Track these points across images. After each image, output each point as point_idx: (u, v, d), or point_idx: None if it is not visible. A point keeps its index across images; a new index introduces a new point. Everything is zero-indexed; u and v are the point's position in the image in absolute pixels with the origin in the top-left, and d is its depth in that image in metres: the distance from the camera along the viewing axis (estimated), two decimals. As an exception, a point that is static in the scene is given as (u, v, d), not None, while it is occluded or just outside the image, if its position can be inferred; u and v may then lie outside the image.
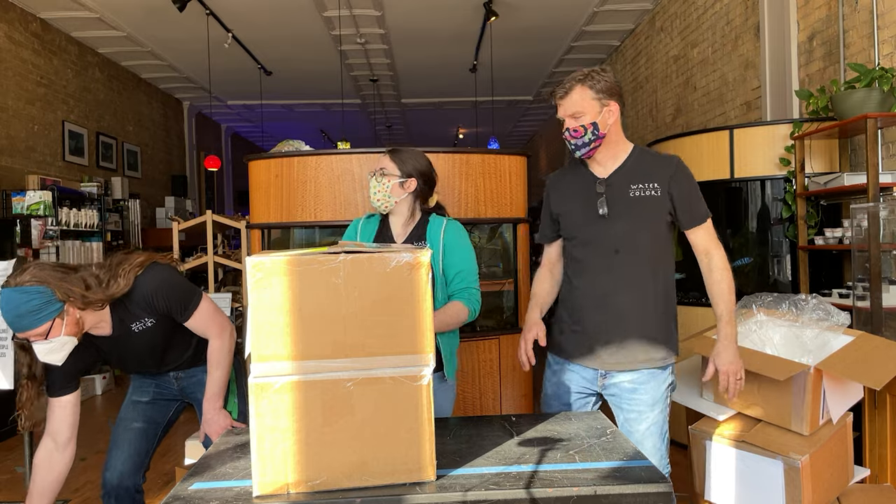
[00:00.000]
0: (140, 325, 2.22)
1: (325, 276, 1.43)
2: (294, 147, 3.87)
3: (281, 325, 1.42)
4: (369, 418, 1.44)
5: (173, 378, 2.50)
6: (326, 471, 1.43)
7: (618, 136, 2.14)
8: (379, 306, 1.45)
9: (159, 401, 2.52)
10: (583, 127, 2.06)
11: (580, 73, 2.09)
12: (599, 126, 2.06)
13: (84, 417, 5.91)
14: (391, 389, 1.45)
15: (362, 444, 1.44)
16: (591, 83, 2.06)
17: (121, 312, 2.19)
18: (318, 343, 1.43)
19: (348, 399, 1.44)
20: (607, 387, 2.17)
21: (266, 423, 1.41)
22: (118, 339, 2.23)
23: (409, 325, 1.46)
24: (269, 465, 1.41)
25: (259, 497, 1.41)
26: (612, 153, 2.14)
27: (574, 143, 2.09)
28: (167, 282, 2.23)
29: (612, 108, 2.07)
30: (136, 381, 2.53)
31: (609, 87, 2.07)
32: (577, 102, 2.06)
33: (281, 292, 1.42)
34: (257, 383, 1.42)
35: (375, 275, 1.44)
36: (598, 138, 2.07)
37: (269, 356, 1.42)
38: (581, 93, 2.06)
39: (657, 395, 2.12)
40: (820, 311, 2.41)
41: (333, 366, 1.44)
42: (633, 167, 2.13)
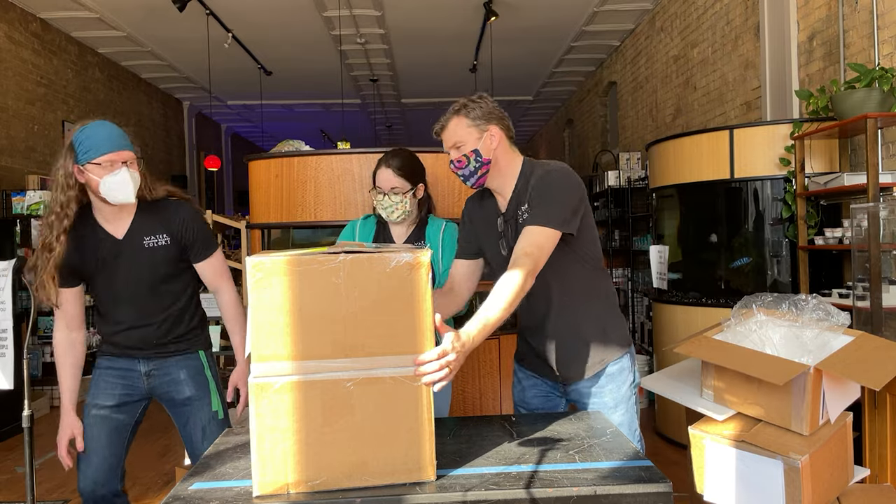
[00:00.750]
0: (152, 242, 2.26)
1: (326, 276, 1.43)
2: (294, 147, 3.86)
3: (281, 325, 1.42)
4: (369, 418, 1.44)
5: (143, 375, 2.37)
6: (326, 471, 1.43)
7: (507, 158, 2.07)
8: (379, 306, 1.45)
9: (127, 403, 2.37)
10: (465, 156, 2.02)
11: (455, 104, 2.08)
12: (482, 152, 2.02)
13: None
14: (391, 389, 1.45)
15: (362, 444, 1.44)
16: (466, 111, 2.04)
17: (141, 222, 2.27)
18: (318, 343, 1.43)
19: (348, 399, 1.43)
20: (569, 392, 2.19)
21: (266, 423, 1.41)
22: (123, 248, 2.25)
23: (410, 325, 1.46)
24: (269, 464, 1.41)
25: (259, 497, 1.41)
26: (503, 180, 2.08)
27: (461, 173, 2.05)
28: (201, 219, 2.37)
29: (492, 132, 2.03)
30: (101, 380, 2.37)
31: (485, 112, 2.04)
32: (455, 133, 2.04)
33: (281, 292, 1.42)
34: (257, 383, 1.41)
35: (376, 275, 1.44)
36: (482, 164, 2.02)
37: (269, 356, 1.42)
38: (457, 123, 2.04)
39: (618, 395, 2.12)
40: (820, 311, 2.41)
41: (333, 366, 1.43)
42: (521, 189, 2.06)
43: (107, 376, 2.37)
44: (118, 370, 2.38)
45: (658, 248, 4.64)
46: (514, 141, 2.11)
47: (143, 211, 2.28)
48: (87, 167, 2.15)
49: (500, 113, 2.07)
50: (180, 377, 2.40)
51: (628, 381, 2.17)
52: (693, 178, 4.27)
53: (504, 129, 2.06)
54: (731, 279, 4.23)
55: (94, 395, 2.36)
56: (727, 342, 2.44)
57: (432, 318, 1.48)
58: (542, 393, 2.23)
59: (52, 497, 3.78)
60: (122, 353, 2.38)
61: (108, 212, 2.24)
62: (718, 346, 2.43)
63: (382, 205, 2.49)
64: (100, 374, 2.38)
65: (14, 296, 2.45)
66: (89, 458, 2.32)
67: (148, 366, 2.38)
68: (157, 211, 2.29)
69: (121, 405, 2.36)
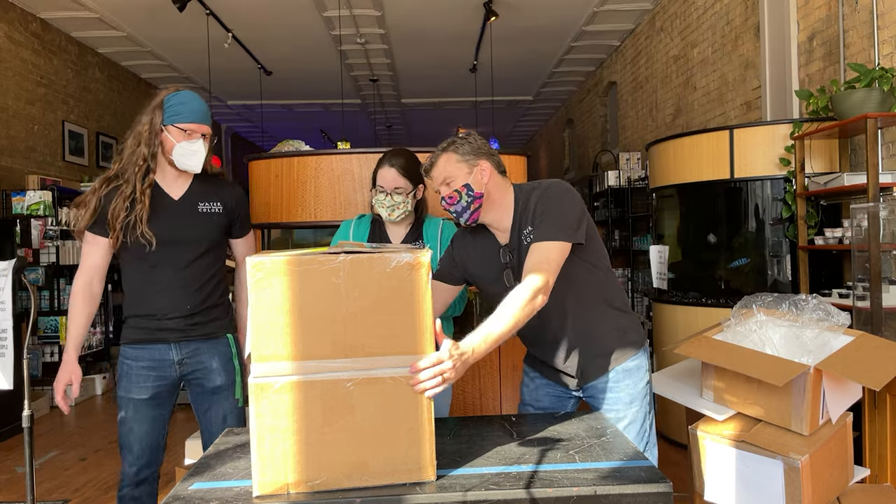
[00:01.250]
0: (206, 207, 2.39)
1: (326, 276, 1.43)
2: (294, 147, 3.87)
3: (281, 325, 1.42)
4: (369, 418, 1.44)
5: (176, 364, 2.38)
6: (326, 471, 1.43)
7: (500, 192, 2.06)
8: (379, 306, 1.45)
9: (160, 394, 2.39)
10: (457, 192, 2.01)
11: (442, 143, 2.07)
12: (473, 186, 2.01)
13: (84, 417, 5.93)
14: (391, 389, 1.45)
15: (362, 444, 1.44)
16: (455, 148, 2.03)
17: (197, 188, 2.40)
18: (318, 343, 1.43)
19: (348, 399, 1.43)
20: (585, 389, 2.17)
21: (266, 423, 1.41)
22: (177, 208, 2.36)
23: (410, 325, 1.46)
24: (269, 465, 1.41)
25: (259, 497, 1.41)
26: (498, 213, 2.07)
27: (453, 210, 2.04)
28: (247, 199, 2.58)
29: (482, 167, 2.02)
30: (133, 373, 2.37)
31: (474, 148, 2.03)
32: (445, 169, 2.03)
33: (281, 292, 1.42)
34: (257, 383, 1.41)
35: (376, 275, 1.44)
36: (475, 199, 2.02)
37: (269, 356, 1.42)
38: (447, 159, 2.03)
39: (634, 392, 2.12)
40: (820, 311, 2.41)
41: (333, 366, 1.43)
42: (520, 218, 2.05)
43: (137, 370, 2.36)
44: (148, 362, 2.36)
45: (658, 248, 4.64)
46: (504, 174, 2.09)
47: (199, 180, 2.41)
48: (168, 128, 2.28)
49: (489, 149, 2.07)
50: (212, 365, 2.43)
51: (645, 378, 2.16)
52: (693, 178, 4.27)
53: (494, 164, 2.05)
54: (731, 279, 4.23)
55: (126, 389, 2.37)
56: (727, 342, 2.44)
57: (432, 318, 1.48)
58: (556, 393, 2.22)
59: (52, 497, 3.78)
60: (152, 338, 2.36)
61: (169, 174, 2.36)
62: (718, 346, 2.43)
63: (384, 204, 2.48)
64: (129, 367, 2.37)
65: (14, 296, 2.45)
66: (131, 446, 2.35)
67: (181, 353, 2.39)
68: (212, 183, 2.45)
69: (155, 396, 2.38)
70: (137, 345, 2.37)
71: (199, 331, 2.40)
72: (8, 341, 2.72)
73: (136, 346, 2.37)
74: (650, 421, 2.18)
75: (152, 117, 2.30)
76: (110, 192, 2.32)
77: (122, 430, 2.38)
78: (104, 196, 2.31)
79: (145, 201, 2.28)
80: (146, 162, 2.30)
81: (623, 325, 2.15)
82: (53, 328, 6.05)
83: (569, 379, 2.17)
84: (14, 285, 2.44)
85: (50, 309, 6.13)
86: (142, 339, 2.37)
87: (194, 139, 2.29)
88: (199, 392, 2.45)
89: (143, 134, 2.30)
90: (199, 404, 2.47)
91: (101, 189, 2.32)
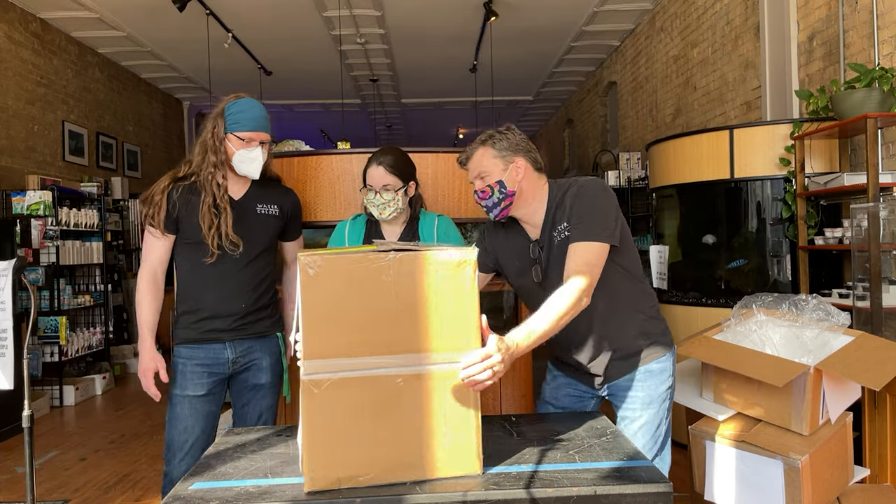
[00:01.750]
0: (264, 209, 2.49)
1: (376, 273, 1.46)
2: (294, 147, 3.87)
3: (332, 323, 1.44)
4: (418, 413, 1.47)
5: (230, 363, 2.44)
6: (376, 465, 1.46)
7: (533, 188, 2.06)
8: (428, 303, 1.48)
9: (214, 392, 2.44)
10: (489, 187, 2.02)
11: (482, 135, 2.07)
12: (506, 183, 2.01)
13: (84, 417, 5.92)
14: (440, 385, 1.48)
15: (412, 439, 1.47)
16: (492, 143, 2.03)
17: (256, 190, 2.49)
18: (368, 340, 1.46)
19: (398, 395, 1.46)
20: (608, 387, 2.17)
21: (317, 420, 1.43)
22: (238, 208, 2.44)
23: (457, 322, 1.49)
24: (321, 460, 1.43)
25: (310, 493, 1.42)
26: (530, 209, 2.07)
27: (485, 204, 2.05)
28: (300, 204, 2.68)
29: (518, 164, 2.02)
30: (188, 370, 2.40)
31: (512, 144, 2.03)
32: (480, 163, 2.03)
33: (332, 290, 1.44)
34: (309, 380, 1.43)
35: (424, 272, 1.48)
36: (506, 196, 2.02)
37: (321, 353, 1.44)
38: (483, 153, 2.03)
39: (654, 394, 2.10)
40: (820, 311, 2.41)
41: (383, 362, 1.46)
42: (553, 214, 2.05)
43: (192, 366, 2.41)
44: (203, 359, 2.42)
45: (658, 248, 4.64)
46: (541, 171, 2.09)
47: (259, 183, 2.50)
48: (229, 136, 2.38)
49: (527, 145, 2.06)
50: (263, 364, 2.50)
51: (667, 383, 2.13)
52: (693, 178, 4.27)
53: (531, 161, 2.05)
54: (731, 279, 4.23)
55: (182, 387, 2.41)
56: (727, 342, 2.44)
57: (478, 315, 1.51)
58: (576, 393, 2.21)
59: (52, 497, 3.78)
60: (205, 338, 2.42)
61: (231, 177, 2.45)
62: (718, 346, 2.43)
63: (374, 203, 2.49)
64: (184, 365, 2.42)
65: (14, 296, 2.45)
66: (183, 445, 2.38)
67: (235, 352, 2.45)
68: (271, 187, 2.55)
69: (209, 394, 2.43)
70: (192, 344, 2.43)
71: (251, 329, 2.47)
72: (8, 341, 2.72)
73: (191, 345, 2.43)
74: (666, 427, 2.14)
75: (215, 125, 2.40)
76: (181, 192, 2.40)
77: (176, 429, 2.40)
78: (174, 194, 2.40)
79: (227, 209, 2.38)
80: (217, 169, 2.39)
81: (651, 329, 2.13)
82: (53, 328, 6.05)
83: (593, 378, 2.16)
84: (14, 285, 2.45)
85: (50, 309, 6.13)
86: (196, 338, 2.42)
87: (252, 147, 2.38)
88: (241, 387, 2.51)
89: (208, 142, 2.40)
90: (238, 398, 2.52)
91: (169, 187, 2.41)
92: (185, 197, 2.40)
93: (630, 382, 2.11)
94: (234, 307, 2.42)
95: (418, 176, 2.66)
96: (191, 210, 2.39)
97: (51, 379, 6.03)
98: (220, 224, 2.37)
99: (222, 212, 2.38)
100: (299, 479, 1.50)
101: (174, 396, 2.41)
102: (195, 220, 2.37)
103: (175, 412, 2.40)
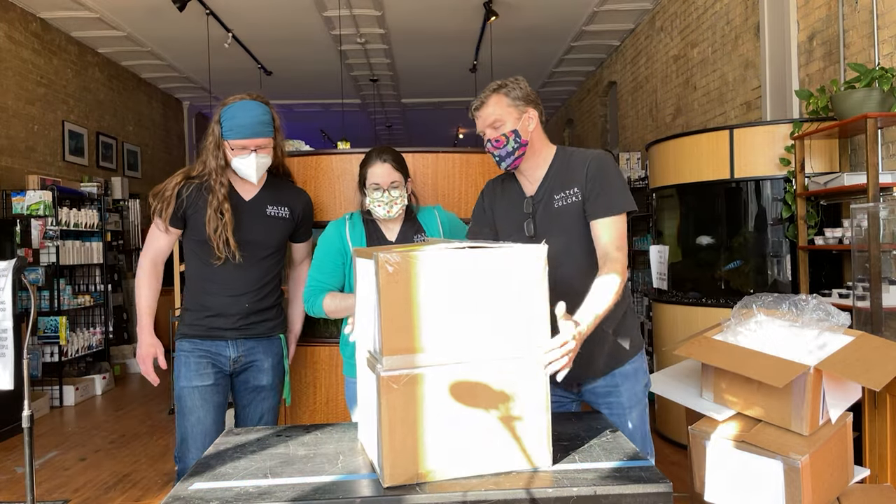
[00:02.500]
0: (274, 211, 2.50)
1: (452, 270, 1.48)
2: (294, 147, 3.87)
3: (410, 320, 1.46)
4: (494, 407, 1.50)
5: (231, 361, 2.45)
6: (454, 459, 1.48)
7: (541, 142, 2.09)
8: (501, 299, 1.51)
9: (220, 383, 2.45)
10: (504, 136, 2.02)
11: (493, 84, 2.07)
12: (521, 133, 2.03)
13: (84, 417, 5.92)
14: (514, 379, 1.51)
15: (488, 433, 1.50)
16: (506, 91, 2.03)
17: (268, 192, 2.50)
18: (445, 336, 1.48)
19: (473, 389, 1.49)
20: (583, 393, 2.16)
21: (396, 415, 1.45)
22: (247, 209, 2.46)
23: (531, 316, 1.53)
24: (400, 455, 1.45)
25: (389, 488, 1.44)
26: (535, 162, 2.09)
27: (497, 154, 2.05)
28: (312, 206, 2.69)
29: (530, 114, 2.04)
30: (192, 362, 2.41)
31: (525, 94, 2.04)
32: (495, 111, 2.03)
33: (410, 287, 1.46)
34: (388, 375, 1.45)
35: (498, 269, 1.51)
36: (520, 146, 2.03)
37: (399, 349, 1.46)
38: (497, 101, 2.03)
39: (633, 397, 2.12)
40: (820, 311, 2.41)
41: (460, 358, 1.48)
42: (557, 174, 2.07)
43: (196, 358, 2.43)
44: (205, 352, 2.44)
45: (658, 248, 4.64)
46: (545, 126, 2.13)
47: (271, 184, 2.52)
48: (225, 143, 2.40)
49: (536, 97, 2.09)
50: (265, 365, 2.50)
51: (642, 381, 2.16)
52: (693, 178, 4.27)
53: (540, 113, 2.08)
54: (731, 279, 4.23)
55: (188, 378, 2.41)
56: (727, 342, 2.44)
57: (548, 307, 1.54)
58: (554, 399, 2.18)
59: (52, 497, 3.78)
60: (208, 334, 2.44)
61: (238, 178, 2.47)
62: (718, 346, 2.43)
63: (382, 201, 2.43)
64: (187, 357, 2.43)
65: (14, 296, 2.45)
66: (196, 438, 2.39)
67: (237, 350, 2.46)
68: (282, 188, 2.56)
69: (216, 384, 2.44)
70: (195, 339, 2.45)
71: (254, 330, 2.48)
72: (8, 341, 2.72)
73: (193, 340, 2.45)
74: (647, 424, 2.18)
75: (214, 131, 2.41)
76: (191, 190, 2.42)
77: (189, 421, 2.39)
78: (184, 191, 2.42)
79: (227, 214, 2.38)
80: (218, 175, 2.40)
81: (625, 324, 2.13)
82: (53, 328, 6.05)
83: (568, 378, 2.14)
84: (14, 285, 2.44)
85: (50, 309, 6.13)
86: (199, 335, 2.44)
87: (245, 154, 2.38)
88: (242, 388, 2.52)
89: (209, 148, 2.41)
90: (240, 399, 2.53)
91: (181, 184, 2.43)
92: (196, 195, 2.42)
93: (606, 388, 2.11)
94: (238, 307, 2.43)
95: (418, 176, 2.66)
96: (199, 209, 2.41)
97: (51, 379, 6.03)
98: (224, 230, 2.38)
99: (225, 214, 2.38)
100: (299, 480, 1.50)
101: (182, 389, 2.41)
102: (203, 220, 2.39)
103: (185, 404, 2.40)
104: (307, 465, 1.59)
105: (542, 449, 1.53)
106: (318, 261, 2.49)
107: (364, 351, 1.69)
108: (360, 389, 1.73)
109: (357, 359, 1.77)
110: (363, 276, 1.68)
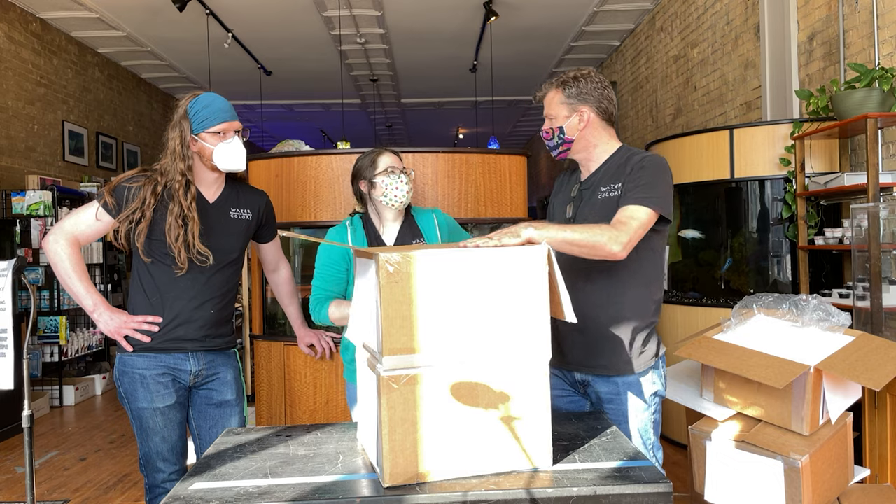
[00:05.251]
0: (237, 214, 2.41)
1: (453, 270, 1.48)
2: (294, 147, 3.87)
3: (411, 319, 1.46)
4: (493, 407, 1.50)
5: (192, 375, 2.32)
6: (454, 459, 1.48)
7: (596, 138, 2.08)
8: (503, 299, 1.51)
9: (181, 401, 2.33)
10: (551, 129, 2.09)
11: (561, 76, 2.09)
12: (566, 131, 2.05)
13: (84, 417, 5.91)
14: (514, 380, 1.52)
15: (487, 433, 1.50)
16: (563, 87, 2.06)
17: (229, 193, 2.42)
18: (445, 336, 1.48)
19: (474, 389, 1.49)
20: (589, 395, 2.14)
21: (397, 415, 1.45)
22: (211, 211, 2.36)
23: (532, 318, 1.53)
24: (400, 455, 1.45)
25: (389, 488, 1.44)
26: (588, 155, 2.11)
27: (547, 143, 2.14)
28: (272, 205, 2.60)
29: (582, 113, 2.04)
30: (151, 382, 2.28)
31: (580, 92, 2.04)
32: (549, 105, 2.10)
33: (411, 287, 1.46)
34: (388, 375, 1.45)
35: (500, 269, 1.51)
36: (564, 142, 2.07)
37: (400, 349, 1.46)
38: (552, 96, 2.09)
39: (636, 406, 2.07)
40: (820, 311, 2.41)
41: (460, 358, 1.49)
42: (609, 170, 2.07)
43: (154, 378, 2.27)
44: (164, 367, 2.29)
45: (658, 248, 4.64)
46: (610, 122, 2.11)
47: (230, 185, 2.44)
48: (201, 136, 2.27)
49: (599, 94, 2.06)
50: (227, 378, 2.40)
51: (650, 390, 2.10)
52: (693, 178, 4.28)
53: (599, 111, 2.07)
54: (731, 279, 4.23)
55: (147, 400, 2.27)
56: (727, 343, 2.44)
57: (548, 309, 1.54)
58: (565, 393, 2.17)
59: (52, 497, 3.78)
60: (167, 347, 2.28)
61: (205, 180, 2.36)
62: (719, 347, 2.43)
63: (395, 185, 2.40)
64: (142, 376, 2.27)
65: (14, 296, 2.44)
66: (165, 457, 2.31)
67: (198, 364, 2.33)
68: (242, 189, 2.47)
69: (177, 403, 2.32)
70: (150, 353, 2.28)
71: (215, 342, 2.37)
72: (8, 341, 2.72)
73: (149, 354, 2.28)
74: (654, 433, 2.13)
75: (181, 130, 2.26)
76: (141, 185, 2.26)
77: (153, 441, 2.28)
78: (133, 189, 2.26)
79: (195, 217, 2.24)
80: (184, 176, 2.25)
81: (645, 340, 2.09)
82: (53, 328, 6.05)
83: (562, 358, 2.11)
84: (14, 285, 2.44)
85: (50, 309, 6.12)
86: (157, 347, 2.28)
87: (229, 138, 2.30)
88: (204, 405, 2.39)
89: (176, 150, 2.25)
90: (202, 419, 2.39)
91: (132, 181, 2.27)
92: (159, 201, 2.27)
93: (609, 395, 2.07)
94: (202, 317, 2.30)
95: (418, 176, 2.66)
96: (160, 217, 2.26)
97: (51, 379, 6.03)
98: (187, 235, 2.24)
99: (189, 221, 2.24)
100: (299, 480, 1.50)
101: (142, 411, 2.28)
102: (164, 227, 2.25)
103: (147, 425, 2.28)
104: (307, 465, 1.59)
105: (542, 449, 1.53)
106: (321, 269, 2.47)
107: (359, 345, 1.69)
108: (361, 389, 1.73)
109: (357, 359, 1.77)
110: (363, 276, 1.68)
